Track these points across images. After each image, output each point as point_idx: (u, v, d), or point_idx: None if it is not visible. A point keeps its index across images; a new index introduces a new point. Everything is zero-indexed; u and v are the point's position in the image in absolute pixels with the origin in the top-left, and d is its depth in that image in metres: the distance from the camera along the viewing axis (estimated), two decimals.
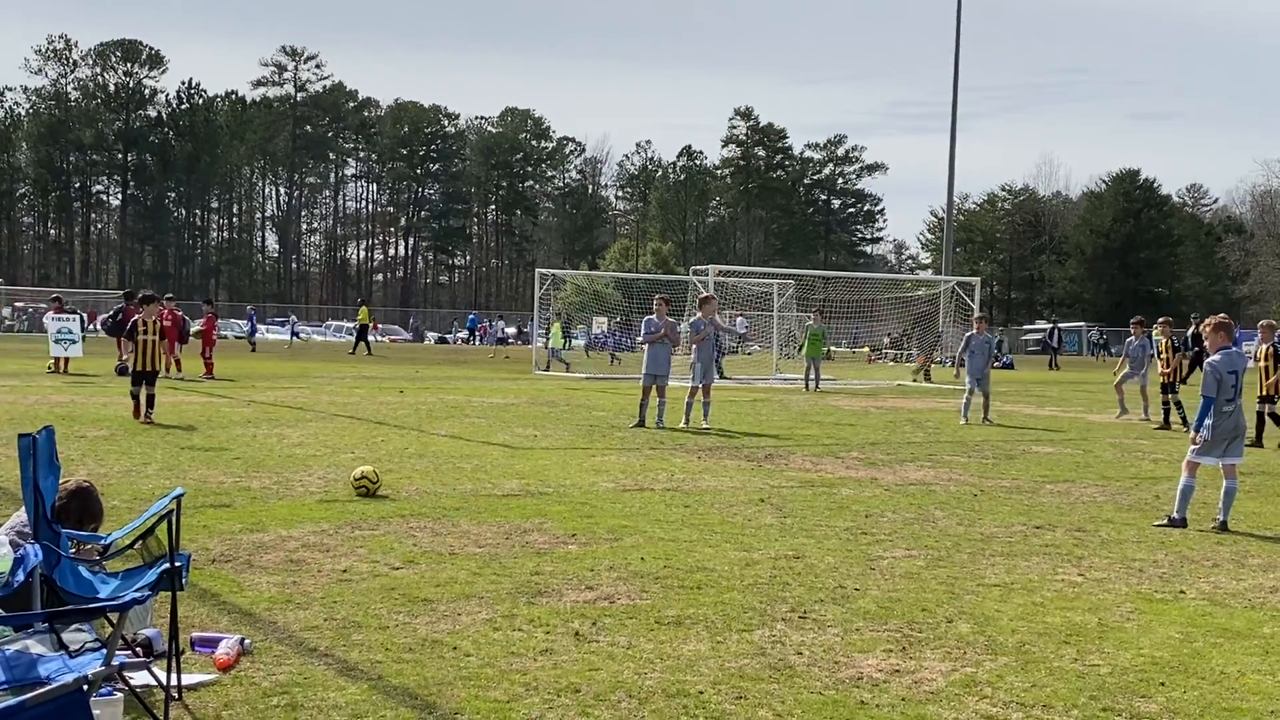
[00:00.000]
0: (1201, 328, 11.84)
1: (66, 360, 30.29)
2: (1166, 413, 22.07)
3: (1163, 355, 22.73)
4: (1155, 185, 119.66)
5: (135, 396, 18.11)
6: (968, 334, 23.44)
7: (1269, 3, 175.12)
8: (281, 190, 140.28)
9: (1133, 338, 23.98)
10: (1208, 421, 11.07)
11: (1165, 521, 11.06)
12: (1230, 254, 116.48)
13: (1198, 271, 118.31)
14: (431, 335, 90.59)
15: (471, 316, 74.38)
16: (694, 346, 20.03)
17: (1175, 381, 22.46)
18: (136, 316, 18.83)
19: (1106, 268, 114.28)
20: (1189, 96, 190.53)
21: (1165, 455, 17.06)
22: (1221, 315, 11.97)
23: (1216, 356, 11.25)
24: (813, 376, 31.41)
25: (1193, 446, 11.20)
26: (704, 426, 19.23)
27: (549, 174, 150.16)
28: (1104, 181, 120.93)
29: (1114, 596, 8.05)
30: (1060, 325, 71.21)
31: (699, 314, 20.52)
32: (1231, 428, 11.17)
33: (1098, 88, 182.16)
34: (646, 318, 20.20)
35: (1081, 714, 5.65)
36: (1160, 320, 24.34)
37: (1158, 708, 5.75)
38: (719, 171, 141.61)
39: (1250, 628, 7.29)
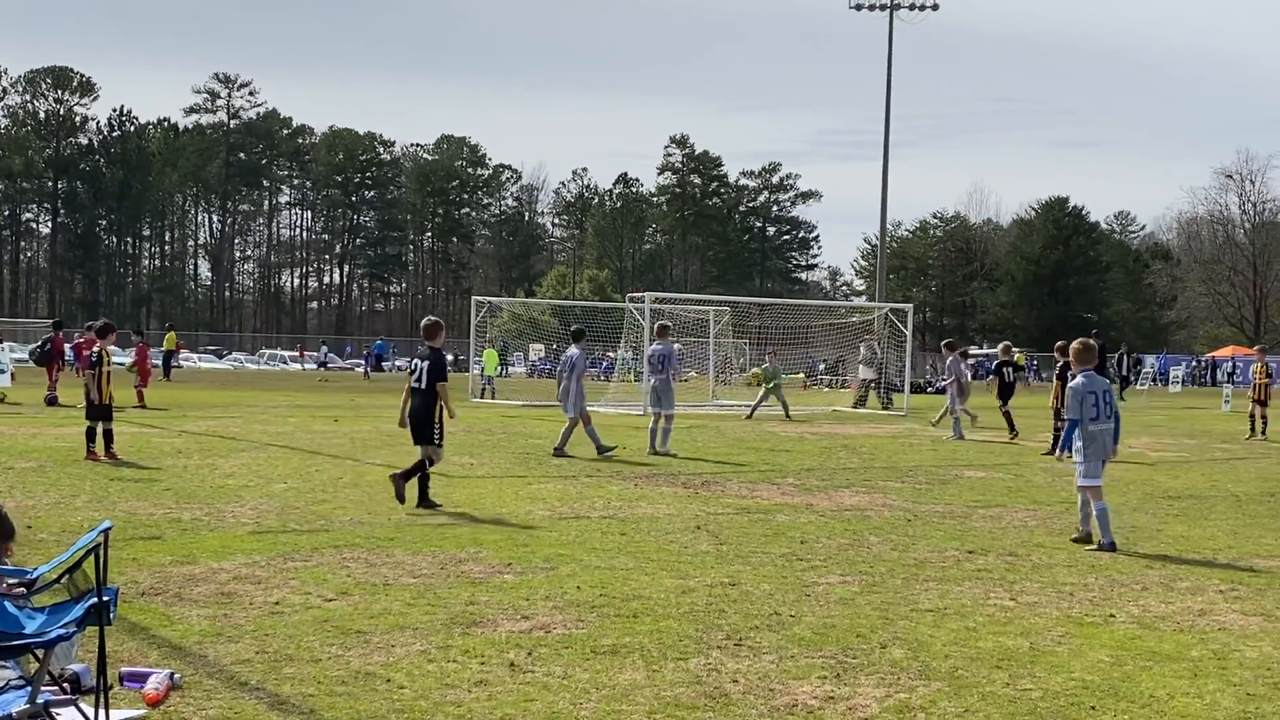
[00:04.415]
0: (1073, 348, 12.23)
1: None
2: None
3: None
4: (1084, 212, 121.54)
5: (94, 434, 16.69)
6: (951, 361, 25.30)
7: (1190, 34, 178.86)
8: (214, 218, 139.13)
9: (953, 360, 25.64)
10: (1077, 444, 11.41)
11: (1095, 547, 11.20)
12: (1157, 280, 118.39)
13: (1126, 297, 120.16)
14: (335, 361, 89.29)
15: (379, 343, 73.37)
16: (654, 376, 20.46)
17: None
18: (97, 347, 17.51)
19: (1037, 294, 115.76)
20: (1116, 125, 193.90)
21: None
22: (1085, 339, 12.37)
23: (1079, 379, 11.55)
24: (767, 403, 31.33)
25: (1078, 469, 11.50)
26: (670, 452, 19.59)
27: (485, 201, 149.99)
28: (1033, 209, 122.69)
29: (1045, 620, 8.14)
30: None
31: (658, 343, 21.03)
32: (1102, 447, 11.48)
33: (1026, 116, 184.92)
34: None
35: None
36: (1001, 345, 26.27)
37: None
38: (655, 199, 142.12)
39: (1179, 650, 7.39)
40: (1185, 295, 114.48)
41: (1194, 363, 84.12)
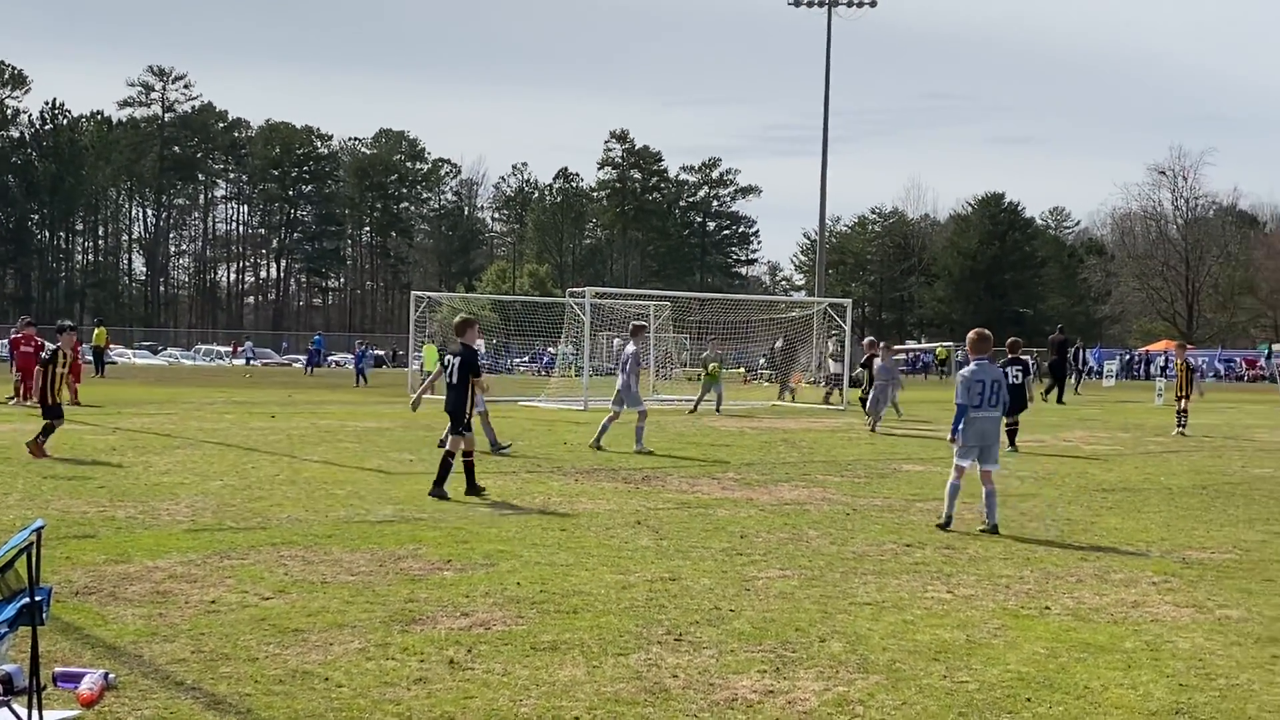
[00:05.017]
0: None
1: None
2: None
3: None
4: (1019, 208, 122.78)
5: (51, 431, 16.74)
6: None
7: (1125, 32, 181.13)
8: (149, 212, 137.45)
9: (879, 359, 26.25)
10: (961, 426, 12.00)
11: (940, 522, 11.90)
12: (1092, 275, 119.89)
13: (1061, 292, 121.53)
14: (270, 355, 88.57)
15: (317, 338, 72.71)
16: (628, 375, 20.34)
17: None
18: (56, 347, 17.51)
19: (973, 289, 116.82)
20: (1051, 122, 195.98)
21: (1030, 473, 17.46)
22: (981, 329, 12.68)
23: (970, 366, 12.01)
24: (709, 398, 31.40)
25: (955, 449, 12.11)
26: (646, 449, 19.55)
27: (424, 196, 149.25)
28: (970, 205, 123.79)
29: (981, 613, 8.22)
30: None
31: (632, 343, 20.91)
32: (980, 434, 12.00)
33: (963, 113, 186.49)
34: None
35: None
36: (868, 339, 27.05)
37: None
38: (595, 194, 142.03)
39: (1113, 642, 7.49)
40: (1119, 290, 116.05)
41: (1128, 357, 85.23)
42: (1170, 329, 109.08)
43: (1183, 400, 25.71)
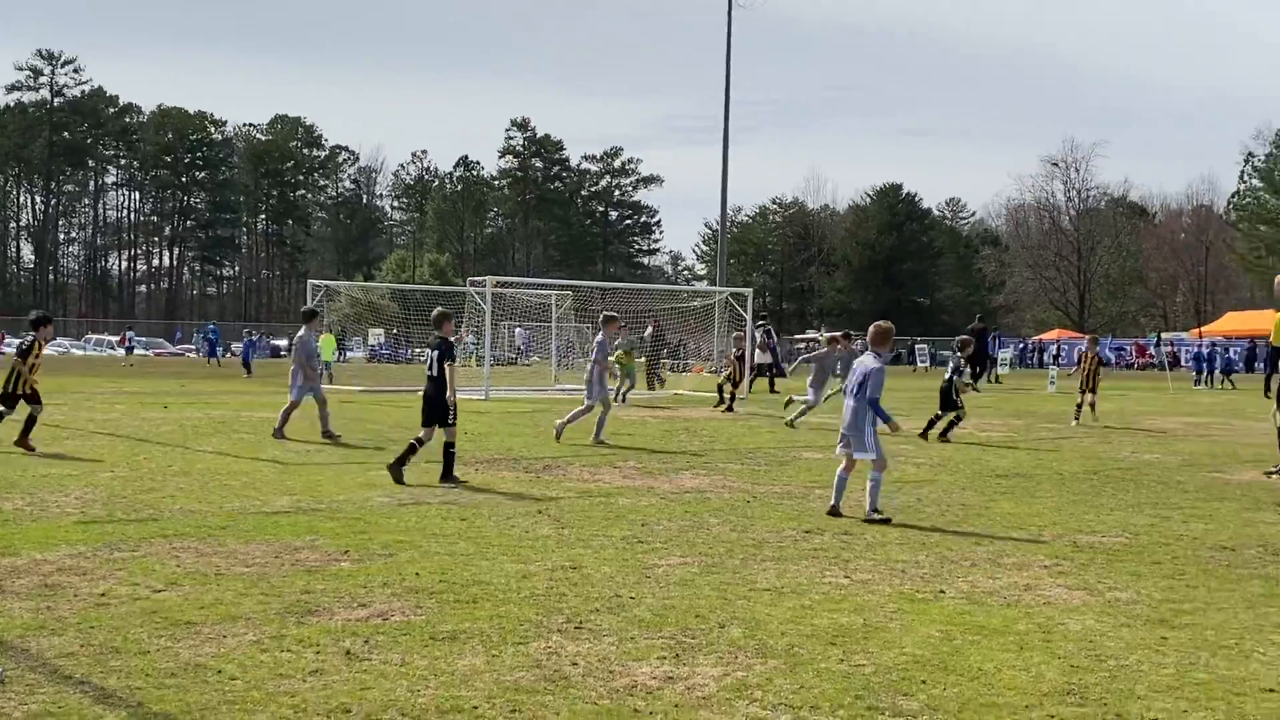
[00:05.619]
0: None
1: None
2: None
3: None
4: (917, 199, 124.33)
5: (34, 422, 16.47)
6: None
7: (1019, 27, 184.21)
8: (37, 199, 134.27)
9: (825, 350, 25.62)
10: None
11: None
12: (987, 265, 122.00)
13: (957, 282, 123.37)
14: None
15: (210, 326, 71.26)
16: (598, 367, 19.94)
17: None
18: (34, 338, 16.93)
19: (873, 278, 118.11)
20: (948, 114, 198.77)
21: (926, 460, 17.70)
22: (882, 322, 12.64)
23: (876, 359, 12.16)
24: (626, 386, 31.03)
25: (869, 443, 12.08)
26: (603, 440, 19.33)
27: (322, 183, 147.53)
28: (869, 195, 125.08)
29: (878, 597, 8.31)
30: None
31: (602, 334, 20.53)
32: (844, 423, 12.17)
33: (861, 104, 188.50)
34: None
35: (847, 714, 5.80)
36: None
37: (919, 705, 5.94)
38: (496, 182, 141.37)
39: (1005, 625, 7.61)
40: (1013, 280, 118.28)
41: (1022, 345, 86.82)
42: (1063, 318, 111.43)
43: (1088, 394, 25.52)
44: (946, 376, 21.69)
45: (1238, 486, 15.15)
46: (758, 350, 38.85)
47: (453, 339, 14.89)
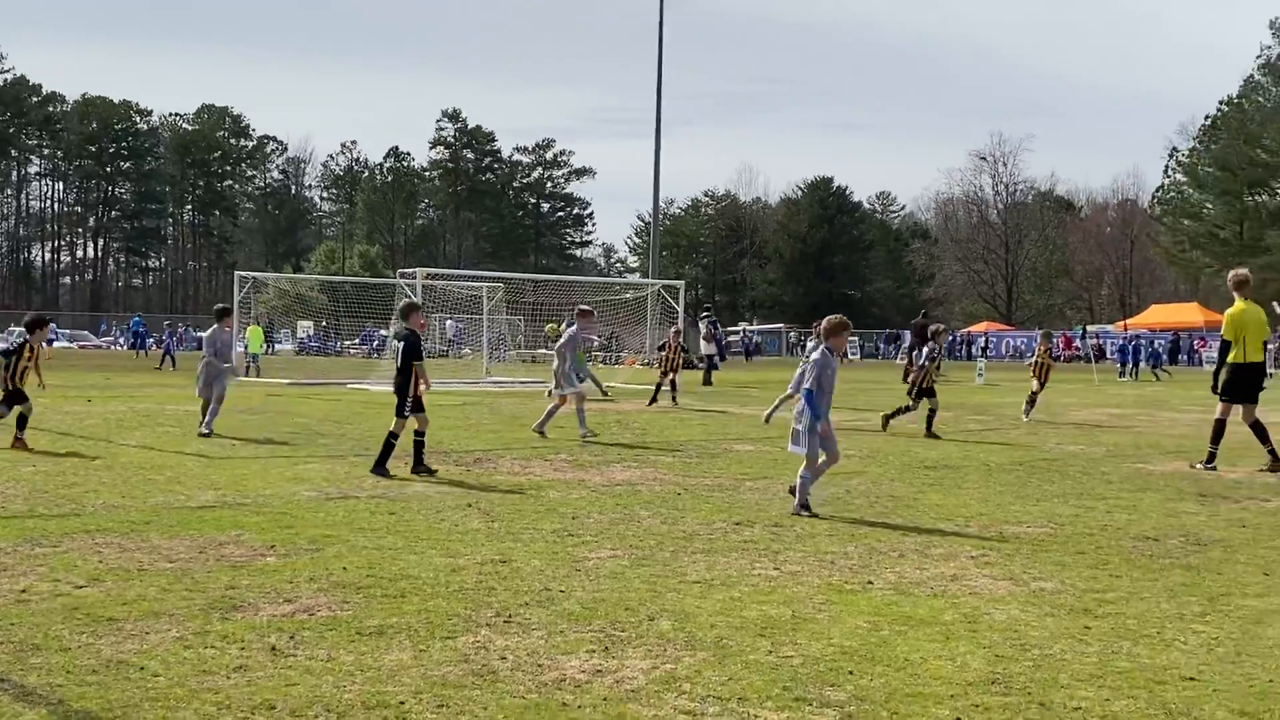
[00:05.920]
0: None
1: None
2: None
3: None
4: (847, 192, 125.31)
5: (25, 421, 16.19)
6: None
7: (948, 22, 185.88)
8: None
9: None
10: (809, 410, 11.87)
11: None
12: (916, 258, 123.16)
13: (887, 275, 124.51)
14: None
15: (135, 319, 70.26)
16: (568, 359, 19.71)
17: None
18: (26, 339, 16.72)
19: (804, 271, 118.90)
20: (878, 108, 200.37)
21: (857, 451, 17.80)
22: (836, 316, 12.44)
23: (824, 352, 11.97)
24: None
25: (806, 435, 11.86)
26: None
27: (249, 174, 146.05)
28: (800, 188, 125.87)
29: (807, 589, 8.34)
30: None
31: (575, 327, 20.34)
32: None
33: (793, 97, 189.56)
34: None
35: (775, 705, 5.81)
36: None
37: (846, 695, 5.97)
38: (427, 174, 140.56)
39: (932, 615, 7.67)
40: (943, 273, 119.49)
41: (950, 338, 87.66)
42: (991, 310, 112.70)
43: (1034, 383, 25.41)
44: (920, 364, 22.00)
45: (1161, 477, 15.37)
46: (703, 341, 38.98)
47: (419, 330, 14.75)
